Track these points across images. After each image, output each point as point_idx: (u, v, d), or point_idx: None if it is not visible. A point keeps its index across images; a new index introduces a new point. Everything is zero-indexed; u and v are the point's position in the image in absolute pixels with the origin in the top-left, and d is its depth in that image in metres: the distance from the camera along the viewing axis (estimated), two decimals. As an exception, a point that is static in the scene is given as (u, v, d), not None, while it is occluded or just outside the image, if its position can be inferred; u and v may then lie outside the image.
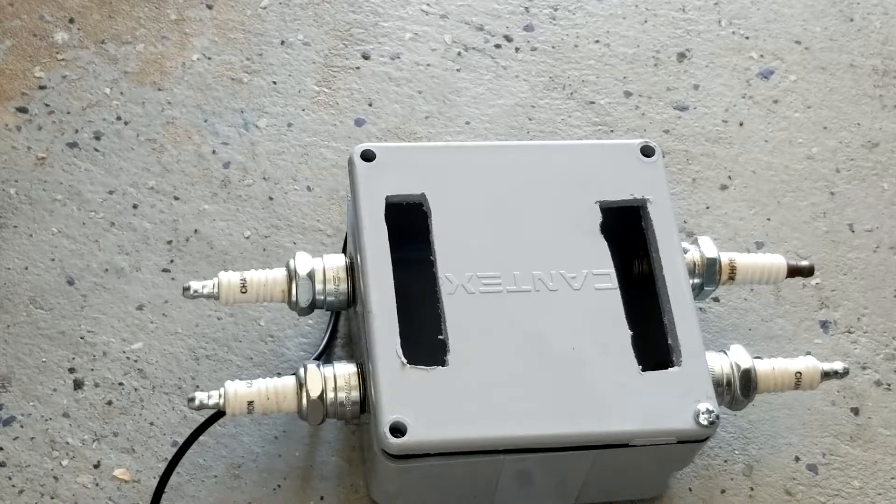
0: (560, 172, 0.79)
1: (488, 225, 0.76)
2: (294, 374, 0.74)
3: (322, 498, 0.79)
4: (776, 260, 0.81)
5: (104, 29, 0.96)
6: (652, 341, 0.74)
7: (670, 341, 0.73)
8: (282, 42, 0.98)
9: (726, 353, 0.76)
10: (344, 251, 0.84)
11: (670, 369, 0.72)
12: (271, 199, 0.90)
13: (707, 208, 0.93)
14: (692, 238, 0.82)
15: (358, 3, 1.00)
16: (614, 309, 0.74)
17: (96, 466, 0.78)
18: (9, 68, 0.94)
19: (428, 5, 1.01)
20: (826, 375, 0.78)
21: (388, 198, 0.76)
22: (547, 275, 0.75)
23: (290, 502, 0.78)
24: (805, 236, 0.92)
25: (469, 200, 0.77)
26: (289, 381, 0.73)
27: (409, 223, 0.75)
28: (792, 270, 0.81)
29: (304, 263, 0.76)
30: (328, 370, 0.73)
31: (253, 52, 0.97)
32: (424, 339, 0.72)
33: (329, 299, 0.76)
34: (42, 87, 0.93)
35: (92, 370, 0.82)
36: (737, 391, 0.75)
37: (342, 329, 0.84)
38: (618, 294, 0.74)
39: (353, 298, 0.76)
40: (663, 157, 0.81)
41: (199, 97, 0.94)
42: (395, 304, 0.72)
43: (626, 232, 0.79)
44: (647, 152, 0.80)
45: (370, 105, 0.95)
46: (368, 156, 0.77)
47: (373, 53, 0.98)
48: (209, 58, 0.96)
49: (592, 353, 0.72)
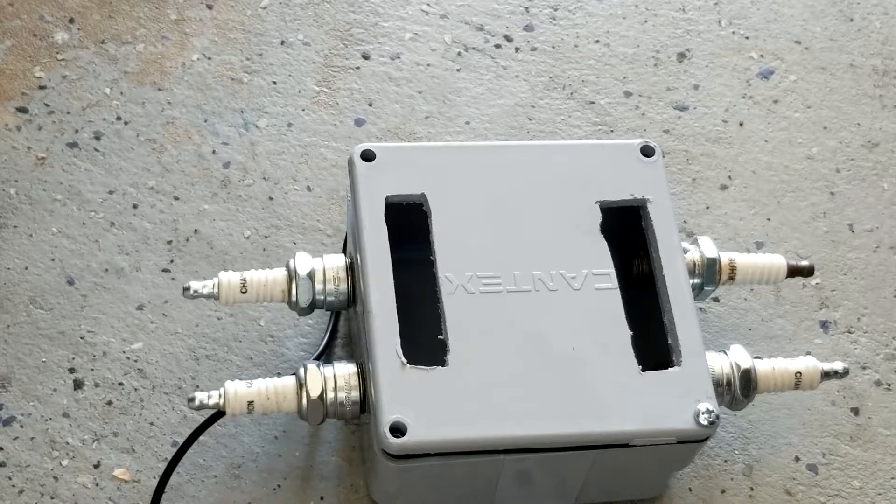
0: (560, 172, 0.79)
1: (488, 225, 0.76)
2: (294, 374, 0.74)
3: (322, 498, 0.79)
4: (776, 260, 0.81)
5: (104, 29, 0.96)
6: (652, 341, 0.74)
7: (670, 341, 0.73)
8: (282, 42, 0.98)
9: (726, 353, 0.76)
10: (344, 251, 0.84)
11: (670, 369, 0.72)
12: (271, 199, 0.90)
13: (707, 208, 0.93)
14: (692, 238, 0.82)
15: (358, 3, 1.00)
16: (614, 309, 0.74)
17: (96, 466, 0.78)
18: (9, 68, 0.94)
19: (428, 5, 1.01)
20: (826, 375, 0.78)
21: (388, 198, 0.76)
22: (547, 275, 0.74)
23: (290, 502, 0.78)
24: (805, 236, 0.92)
25: (469, 200, 0.77)
26: (289, 381, 0.73)
27: (409, 223, 0.75)
28: (792, 270, 0.81)
29: (304, 263, 0.76)
30: (328, 370, 0.73)
31: (253, 52, 0.97)
32: (424, 339, 0.72)
33: (329, 299, 0.76)
34: (42, 87, 0.93)
35: (92, 370, 0.82)
36: (737, 391, 0.75)
37: (342, 329, 0.84)
38: (618, 294, 0.74)
39: (353, 298, 0.76)
40: (663, 157, 0.81)
41: (199, 97, 0.94)
42: (395, 304, 0.72)
43: (626, 232, 0.79)
44: (647, 152, 0.80)
45: (370, 105, 0.95)
46: (368, 156, 0.77)
47: (373, 53, 0.98)
48: (209, 58, 0.96)
49: (592, 353, 0.72)
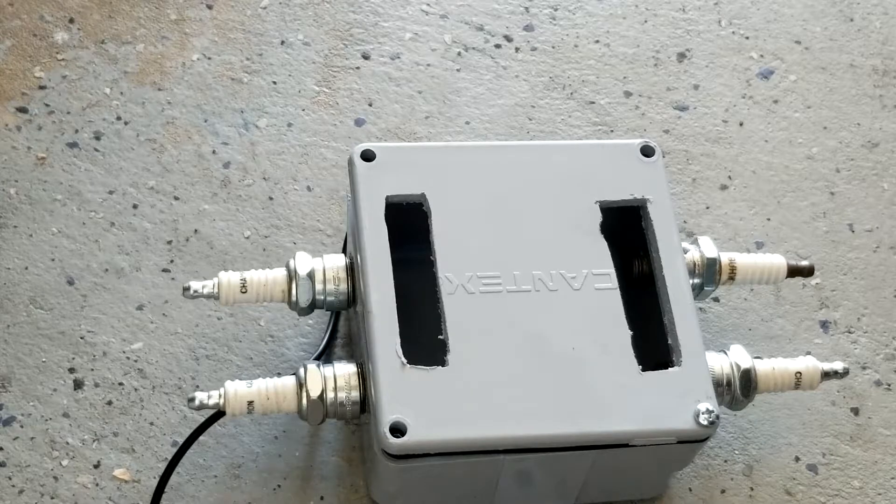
0: (560, 172, 0.78)
1: (488, 225, 0.76)
2: (294, 374, 0.74)
3: (322, 498, 0.78)
4: (776, 260, 0.81)
5: (104, 29, 0.96)
6: (652, 341, 0.74)
7: (670, 341, 0.73)
8: (282, 42, 0.98)
9: (726, 353, 0.76)
10: (344, 251, 0.84)
11: (670, 369, 0.72)
12: (271, 199, 0.90)
13: (707, 208, 0.93)
14: (692, 238, 0.82)
15: (358, 3, 1.00)
16: (614, 309, 0.74)
17: (96, 466, 0.78)
18: (9, 68, 0.94)
19: (428, 5, 1.01)
20: (826, 375, 0.78)
21: (388, 198, 0.76)
22: (547, 275, 0.74)
23: (290, 502, 0.78)
24: (805, 236, 0.92)
25: (469, 200, 0.77)
26: (289, 381, 0.73)
27: (409, 223, 0.75)
28: (792, 270, 0.81)
29: (304, 263, 0.76)
30: (328, 370, 0.73)
31: (253, 52, 0.97)
32: (424, 339, 0.72)
33: (329, 299, 0.76)
34: (42, 87, 0.93)
35: (92, 370, 0.82)
36: (737, 391, 0.75)
37: (342, 329, 0.84)
38: (618, 294, 0.74)
39: (353, 298, 0.76)
40: (663, 157, 0.81)
41: (199, 97, 0.94)
42: (395, 304, 0.72)
43: (626, 232, 0.79)
44: (647, 152, 0.80)
45: (370, 105, 0.95)
46: (368, 156, 0.77)
47: (373, 53, 0.98)
48: (209, 58, 0.96)
49: (592, 353, 0.72)
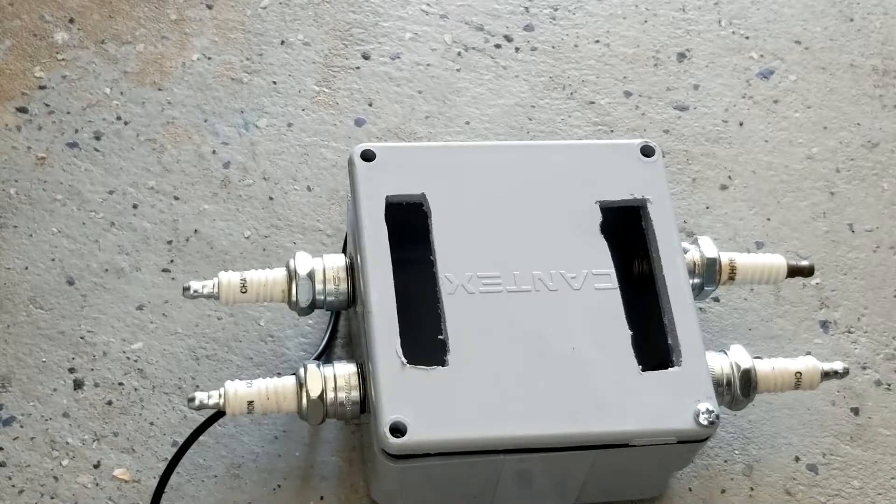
0: (560, 172, 0.78)
1: (488, 225, 0.76)
2: (294, 374, 0.74)
3: (322, 498, 0.78)
4: (776, 260, 0.81)
5: (104, 29, 0.96)
6: (652, 341, 0.74)
7: (670, 341, 0.73)
8: (282, 42, 0.98)
9: (726, 353, 0.76)
10: (344, 251, 0.84)
11: (670, 369, 0.72)
12: (271, 199, 0.90)
13: (707, 208, 0.93)
14: (692, 238, 0.82)
15: (358, 3, 1.00)
16: (614, 309, 0.74)
17: (96, 466, 0.78)
18: (9, 68, 0.94)
19: (428, 5, 1.01)
20: (826, 375, 0.78)
21: (388, 198, 0.76)
22: (547, 275, 0.74)
23: (290, 502, 0.78)
24: (805, 236, 0.92)
25: (469, 200, 0.77)
26: (289, 381, 0.73)
27: (409, 223, 0.75)
28: (792, 270, 0.81)
29: (304, 263, 0.76)
30: (328, 370, 0.73)
31: (253, 52, 0.97)
32: (424, 339, 0.72)
33: (329, 299, 0.76)
34: (42, 87, 0.93)
35: (92, 370, 0.82)
36: (737, 391, 0.75)
37: (342, 329, 0.84)
38: (618, 294, 0.74)
39: (353, 298, 0.76)
40: (663, 157, 0.81)
41: (199, 97, 0.94)
42: (395, 304, 0.72)
43: (626, 232, 0.79)
44: (647, 152, 0.80)
45: (370, 105, 0.95)
46: (368, 156, 0.77)
47: (373, 53, 0.98)
48: (209, 58, 0.96)
49: (592, 353, 0.72)
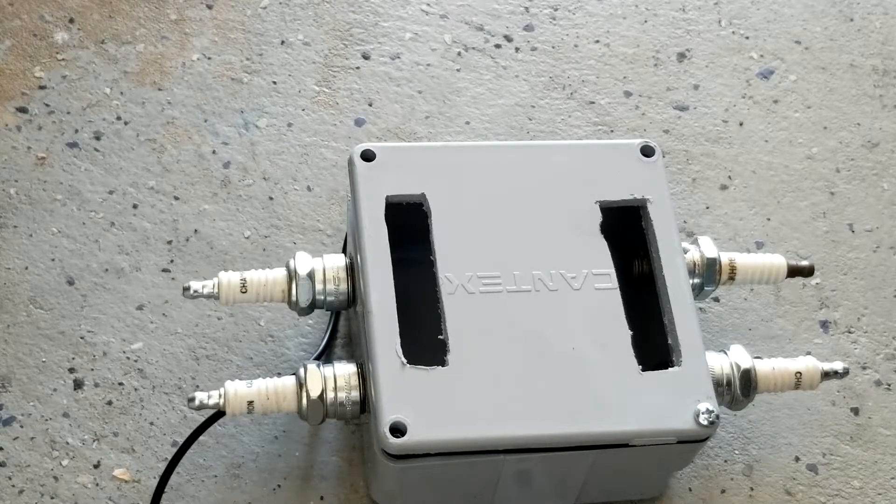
0: (560, 172, 0.78)
1: (488, 225, 0.76)
2: (294, 374, 0.74)
3: (322, 498, 0.78)
4: (776, 260, 0.81)
5: (104, 29, 0.96)
6: (652, 341, 0.74)
7: (670, 341, 0.73)
8: (282, 42, 0.98)
9: (726, 353, 0.76)
10: (344, 251, 0.84)
11: (670, 369, 0.72)
12: (271, 199, 0.90)
13: (707, 208, 0.93)
14: (692, 238, 0.82)
15: (358, 3, 1.00)
16: (614, 309, 0.74)
17: (96, 466, 0.78)
18: (9, 68, 0.94)
19: (428, 5, 1.01)
20: (826, 375, 0.78)
21: (388, 198, 0.76)
22: (547, 275, 0.74)
23: (290, 502, 0.78)
24: (805, 236, 0.92)
25: (469, 200, 0.77)
26: (289, 381, 0.73)
27: (409, 223, 0.75)
28: (792, 270, 0.81)
29: (304, 263, 0.76)
30: (328, 370, 0.73)
31: (253, 52, 0.97)
32: (424, 339, 0.72)
33: (329, 299, 0.76)
34: (42, 87, 0.93)
35: (92, 370, 0.82)
36: (737, 391, 0.75)
37: (342, 329, 0.84)
38: (618, 294, 0.74)
39: (353, 298, 0.76)
40: (663, 157, 0.81)
41: (199, 97, 0.94)
42: (395, 304, 0.72)
43: (626, 232, 0.79)
44: (647, 152, 0.80)
45: (370, 105, 0.95)
46: (368, 156, 0.77)
47: (373, 53, 0.98)
48: (209, 58, 0.96)
49: (592, 353, 0.72)
